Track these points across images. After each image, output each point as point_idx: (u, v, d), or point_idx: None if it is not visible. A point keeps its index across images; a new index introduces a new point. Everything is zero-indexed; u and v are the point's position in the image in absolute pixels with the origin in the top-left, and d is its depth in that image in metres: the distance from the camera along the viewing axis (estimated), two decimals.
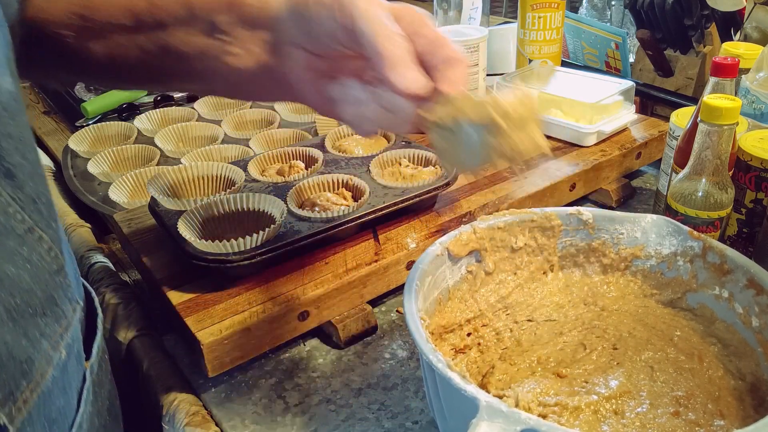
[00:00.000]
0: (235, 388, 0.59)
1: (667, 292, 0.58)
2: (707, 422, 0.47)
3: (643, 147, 0.90)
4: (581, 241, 0.60)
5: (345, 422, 0.55)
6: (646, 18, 1.11)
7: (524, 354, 0.55)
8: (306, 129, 0.96)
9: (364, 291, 0.65)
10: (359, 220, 0.67)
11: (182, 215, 0.66)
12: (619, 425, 0.47)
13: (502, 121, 0.44)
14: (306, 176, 0.75)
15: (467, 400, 0.39)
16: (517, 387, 0.50)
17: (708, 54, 1.09)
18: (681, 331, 0.55)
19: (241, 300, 0.60)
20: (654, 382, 0.51)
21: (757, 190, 0.65)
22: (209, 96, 1.10)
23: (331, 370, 0.61)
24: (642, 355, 0.54)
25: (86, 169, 0.91)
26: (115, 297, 0.69)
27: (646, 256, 0.59)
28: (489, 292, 0.60)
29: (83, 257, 0.77)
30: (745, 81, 0.77)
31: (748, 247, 0.68)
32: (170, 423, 0.57)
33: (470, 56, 0.94)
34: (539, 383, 0.51)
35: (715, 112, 0.58)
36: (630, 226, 0.59)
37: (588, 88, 0.92)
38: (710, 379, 0.51)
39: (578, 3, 1.56)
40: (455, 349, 0.56)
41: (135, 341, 0.65)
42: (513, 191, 0.78)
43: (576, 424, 0.47)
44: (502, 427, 0.37)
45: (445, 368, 0.41)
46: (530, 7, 0.99)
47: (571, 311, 0.59)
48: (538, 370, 0.53)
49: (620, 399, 0.49)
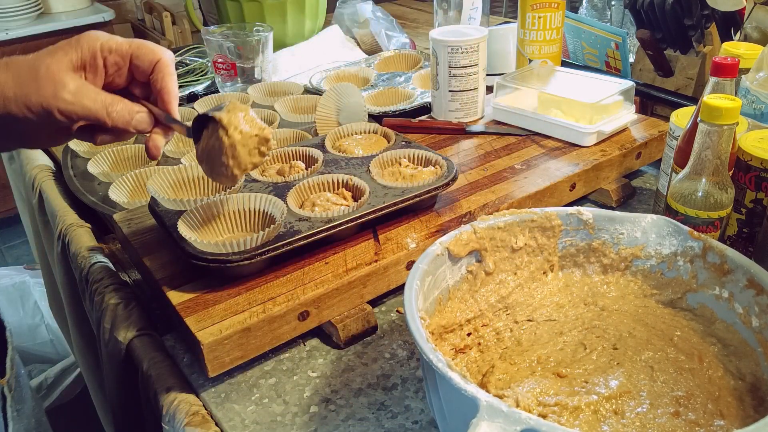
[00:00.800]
0: (235, 388, 0.59)
1: (667, 292, 0.58)
2: (707, 422, 0.47)
3: (643, 147, 0.90)
4: (581, 241, 0.61)
5: (345, 422, 0.55)
6: (646, 18, 1.11)
7: (524, 354, 0.55)
8: (306, 129, 0.96)
9: (364, 291, 0.65)
10: (359, 220, 0.67)
11: (182, 215, 0.66)
12: (619, 425, 0.47)
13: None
14: (306, 176, 0.75)
15: (467, 399, 0.39)
16: (516, 387, 0.50)
17: (708, 54, 1.09)
18: (681, 331, 0.55)
19: (241, 300, 0.60)
20: (654, 382, 0.51)
21: (757, 190, 0.65)
22: (209, 96, 1.10)
23: (331, 370, 0.61)
24: (642, 355, 0.54)
25: (86, 169, 0.91)
26: (115, 297, 0.69)
27: (646, 256, 0.59)
28: (489, 292, 0.60)
29: (83, 257, 0.77)
30: (745, 81, 0.77)
31: (748, 247, 0.68)
32: (170, 423, 0.57)
33: (470, 56, 0.94)
34: (539, 383, 0.51)
35: (715, 112, 0.58)
36: (630, 226, 0.59)
37: (588, 88, 0.92)
38: (710, 379, 0.51)
39: (578, 3, 1.56)
40: (455, 348, 0.56)
41: (135, 341, 0.65)
42: (513, 191, 0.78)
43: (576, 424, 0.47)
44: (502, 427, 0.37)
45: (446, 368, 0.41)
46: (530, 7, 0.99)
47: (571, 311, 0.59)
48: (538, 370, 0.53)
49: (620, 399, 0.49)
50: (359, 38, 1.43)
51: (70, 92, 0.51)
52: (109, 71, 0.54)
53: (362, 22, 1.41)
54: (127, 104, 0.54)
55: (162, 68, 0.55)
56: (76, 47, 0.52)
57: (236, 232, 0.69)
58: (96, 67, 0.53)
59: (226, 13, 1.36)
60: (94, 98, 0.52)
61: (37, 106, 0.50)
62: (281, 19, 1.34)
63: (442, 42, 0.94)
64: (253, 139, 0.59)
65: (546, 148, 0.89)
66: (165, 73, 0.55)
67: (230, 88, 1.18)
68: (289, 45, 1.36)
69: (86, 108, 0.51)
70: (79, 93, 0.51)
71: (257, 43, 1.16)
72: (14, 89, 0.49)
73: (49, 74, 0.50)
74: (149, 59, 0.54)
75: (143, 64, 0.55)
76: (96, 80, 0.54)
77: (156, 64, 0.55)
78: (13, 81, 0.49)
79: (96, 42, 0.53)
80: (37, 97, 0.50)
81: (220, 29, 1.18)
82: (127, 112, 0.54)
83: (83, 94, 0.51)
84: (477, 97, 0.98)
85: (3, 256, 2.57)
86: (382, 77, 1.18)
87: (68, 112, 0.51)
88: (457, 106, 0.97)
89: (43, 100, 0.50)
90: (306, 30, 1.40)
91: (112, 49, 0.53)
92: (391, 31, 1.40)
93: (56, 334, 1.72)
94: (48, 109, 0.50)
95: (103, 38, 0.53)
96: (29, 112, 0.50)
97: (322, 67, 1.27)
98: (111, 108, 0.53)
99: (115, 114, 0.53)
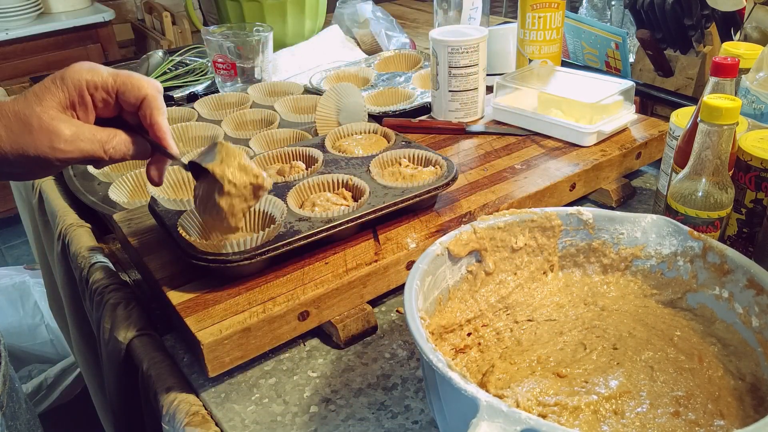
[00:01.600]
0: (235, 388, 0.59)
1: (667, 292, 0.58)
2: (707, 422, 0.47)
3: (643, 147, 0.90)
4: (581, 241, 0.60)
5: (345, 422, 0.55)
6: (646, 18, 1.11)
7: (524, 353, 0.55)
8: (306, 129, 0.96)
9: (364, 291, 0.65)
10: (359, 220, 0.67)
11: (182, 215, 0.66)
12: (619, 425, 0.47)
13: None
14: (306, 176, 0.75)
15: (467, 399, 0.39)
16: (516, 386, 0.50)
17: (708, 54, 1.09)
18: (681, 331, 0.55)
19: (241, 300, 0.60)
20: (654, 382, 0.51)
21: (757, 190, 0.65)
22: (209, 96, 1.10)
23: (331, 370, 0.61)
24: (642, 355, 0.54)
25: (86, 169, 0.91)
26: (115, 297, 0.69)
27: (646, 256, 0.59)
28: (489, 292, 0.60)
29: (83, 257, 0.77)
30: (745, 81, 0.77)
31: (748, 247, 0.68)
32: (170, 423, 0.57)
33: (470, 56, 0.94)
34: (539, 383, 0.51)
35: (715, 112, 0.58)
36: (630, 226, 0.59)
37: (588, 88, 0.92)
38: (710, 379, 0.51)
39: (578, 3, 1.56)
40: (455, 348, 0.56)
41: (135, 341, 0.65)
42: (513, 191, 0.78)
43: (576, 424, 0.47)
44: (502, 427, 0.37)
45: (446, 368, 0.41)
46: (530, 7, 0.99)
47: (571, 311, 0.59)
48: (537, 370, 0.53)
49: (620, 399, 0.49)
50: (359, 38, 1.43)
51: (66, 141, 0.51)
52: (97, 106, 0.54)
53: (362, 22, 1.41)
54: (122, 138, 0.54)
55: (149, 104, 0.54)
56: (62, 87, 0.51)
57: (236, 233, 0.69)
58: (85, 105, 0.53)
59: (226, 13, 1.36)
60: (91, 139, 0.52)
61: (35, 157, 0.51)
62: (281, 19, 1.34)
63: (442, 42, 0.94)
64: (248, 188, 0.58)
65: (546, 148, 0.89)
66: (153, 108, 0.54)
67: (230, 88, 1.18)
68: (289, 45, 1.36)
69: (84, 151, 0.52)
70: (75, 138, 0.51)
71: (257, 43, 1.16)
72: (9, 143, 0.50)
73: (42, 126, 0.50)
74: (135, 95, 0.54)
75: (129, 99, 0.54)
76: (87, 116, 0.54)
77: (143, 100, 0.54)
78: (6, 134, 0.49)
79: (81, 78, 0.52)
80: (34, 150, 0.50)
81: (220, 29, 1.18)
82: (124, 144, 0.54)
83: (79, 138, 0.51)
84: (477, 97, 0.98)
85: (3, 256, 2.57)
86: (382, 77, 1.18)
87: (66, 159, 0.51)
88: (457, 106, 0.97)
89: (40, 152, 0.50)
90: (306, 30, 1.40)
91: (97, 85, 0.53)
92: (391, 31, 1.40)
93: (56, 334, 1.72)
94: (46, 159, 0.51)
95: (87, 74, 0.52)
96: (26, 161, 0.51)
97: (322, 67, 1.27)
98: (108, 146, 0.53)
99: (112, 150, 0.53)
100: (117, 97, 0.54)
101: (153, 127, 0.55)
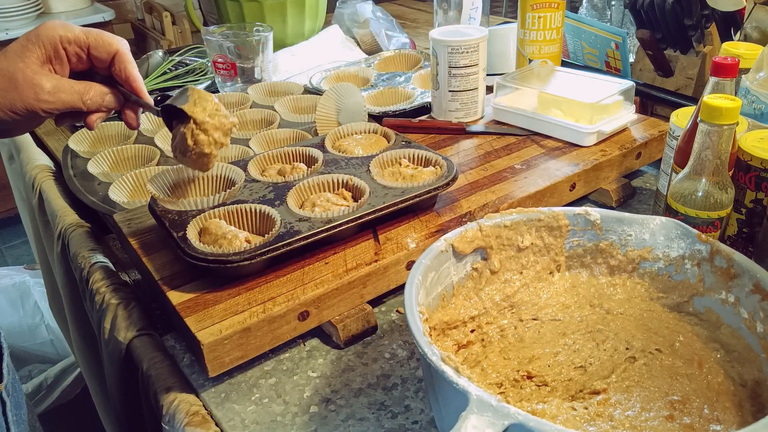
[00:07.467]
0: (235, 388, 0.59)
1: (673, 295, 0.57)
2: (702, 426, 0.47)
3: (643, 147, 0.90)
4: (589, 241, 0.60)
5: (345, 422, 0.55)
6: (646, 18, 1.11)
7: (523, 350, 0.55)
8: (306, 129, 0.96)
9: (364, 291, 0.65)
10: (359, 221, 0.67)
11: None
12: (608, 426, 0.47)
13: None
14: (306, 176, 0.75)
15: (459, 393, 0.39)
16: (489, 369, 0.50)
17: (708, 54, 1.09)
18: (684, 336, 0.55)
19: (241, 300, 0.60)
20: (647, 387, 0.51)
21: (757, 190, 0.65)
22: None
23: (331, 370, 0.61)
24: (640, 360, 0.53)
25: (86, 169, 0.91)
26: (115, 297, 0.69)
27: (654, 258, 0.58)
28: (494, 291, 0.59)
29: (83, 257, 0.77)
30: (745, 81, 0.77)
31: (748, 247, 0.68)
32: (170, 423, 0.57)
33: (470, 56, 0.94)
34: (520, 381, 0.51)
35: (715, 112, 0.58)
36: (638, 228, 0.59)
37: (588, 88, 0.92)
38: (709, 384, 0.51)
39: (578, 3, 1.56)
40: (458, 344, 0.55)
41: (135, 341, 0.65)
42: (513, 191, 0.78)
43: (560, 420, 0.47)
44: (490, 421, 0.37)
45: (439, 361, 0.41)
46: (530, 7, 0.99)
47: (576, 312, 0.59)
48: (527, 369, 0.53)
49: (614, 402, 0.49)
50: (359, 38, 1.43)
51: (49, 92, 0.56)
52: (71, 60, 0.59)
53: (362, 22, 1.41)
54: (98, 89, 0.60)
55: (122, 58, 0.60)
56: (38, 43, 0.57)
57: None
58: (60, 59, 0.58)
59: (226, 13, 1.36)
60: (70, 91, 0.58)
61: (23, 110, 0.56)
62: (281, 19, 1.34)
63: (442, 42, 0.94)
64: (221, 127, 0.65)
65: (546, 148, 0.89)
66: (126, 62, 0.61)
67: (230, 88, 1.18)
68: (289, 45, 1.36)
69: (65, 102, 0.58)
70: (56, 90, 0.57)
71: (257, 43, 1.16)
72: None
73: (26, 80, 0.56)
74: (107, 50, 0.60)
75: (101, 55, 0.60)
76: (63, 70, 0.59)
77: (114, 55, 0.60)
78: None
79: (55, 34, 0.57)
80: (21, 103, 0.56)
81: (220, 29, 1.18)
82: (99, 96, 0.60)
83: (60, 89, 0.57)
84: (477, 97, 0.98)
85: (3, 256, 2.57)
86: (382, 77, 1.18)
87: (50, 109, 0.57)
88: (457, 106, 0.97)
89: (27, 104, 0.56)
90: (306, 30, 1.40)
91: (70, 40, 0.58)
92: (391, 31, 1.40)
93: (56, 334, 1.72)
94: (33, 111, 0.56)
95: (61, 30, 0.57)
96: (15, 115, 0.56)
97: (322, 67, 1.27)
98: (85, 96, 0.59)
99: (89, 101, 0.59)
100: (89, 52, 0.59)
101: (128, 78, 0.61)
